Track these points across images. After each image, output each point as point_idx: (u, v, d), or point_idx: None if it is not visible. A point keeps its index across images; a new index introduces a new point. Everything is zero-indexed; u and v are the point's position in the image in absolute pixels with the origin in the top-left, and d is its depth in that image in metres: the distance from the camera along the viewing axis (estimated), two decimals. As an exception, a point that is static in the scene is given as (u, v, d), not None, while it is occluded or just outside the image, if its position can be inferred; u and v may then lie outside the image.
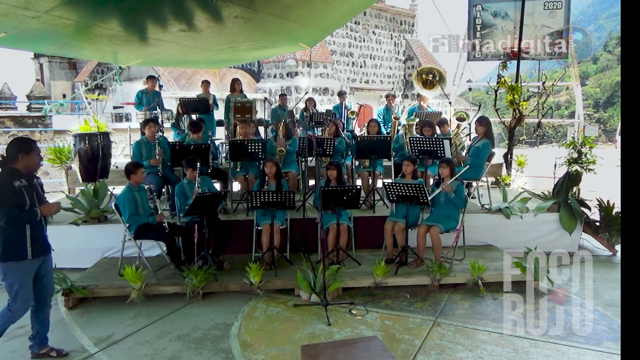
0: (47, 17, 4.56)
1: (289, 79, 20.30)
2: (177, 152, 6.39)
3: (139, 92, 8.63)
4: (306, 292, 4.78)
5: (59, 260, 5.48)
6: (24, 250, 3.45)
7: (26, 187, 3.45)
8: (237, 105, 8.09)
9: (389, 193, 5.32)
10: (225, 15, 5.23)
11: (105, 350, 3.92)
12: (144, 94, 8.54)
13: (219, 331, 4.22)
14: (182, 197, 5.44)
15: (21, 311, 3.56)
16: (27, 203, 3.44)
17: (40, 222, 3.56)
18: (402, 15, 26.22)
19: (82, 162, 6.48)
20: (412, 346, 3.92)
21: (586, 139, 6.93)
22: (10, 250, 3.42)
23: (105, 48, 6.53)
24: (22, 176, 3.47)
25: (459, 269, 5.26)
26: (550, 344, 3.94)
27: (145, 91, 8.55)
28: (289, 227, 5.65)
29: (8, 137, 12.35)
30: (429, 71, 8.72)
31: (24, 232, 3.45)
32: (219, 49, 7.11)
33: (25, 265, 3.48)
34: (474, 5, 12.34)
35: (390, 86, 24.38)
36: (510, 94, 8.21)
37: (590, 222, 6.45)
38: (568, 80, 16.04)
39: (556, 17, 11.70)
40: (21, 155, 3.46)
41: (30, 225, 3.48)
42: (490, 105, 12.00)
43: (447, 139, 6.34)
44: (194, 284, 4.77)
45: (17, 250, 3.43)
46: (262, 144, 6.44)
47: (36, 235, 3.53)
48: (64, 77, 25.79)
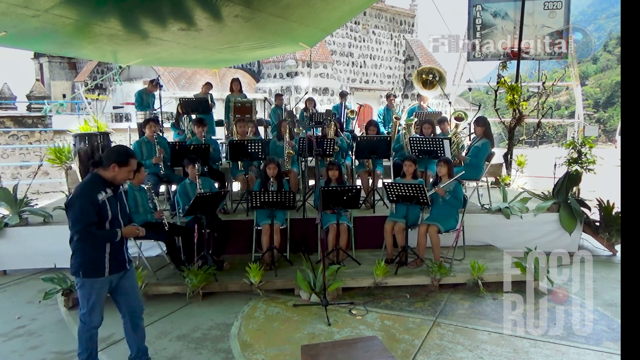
0: (47, 16, 4.57)
1: (289, 79, 20.30)
2: (177, 152, 6.40)
3: (139, 92, 8.64)
4: (306, 292, 4.78)
5: (59, 260, 5.50)
6: (103, 268, 3.24)
7: (111, 198, 3.24)
8: (237, 105, 8.09)
9: (388, 193, 5.32)
10: (225, 15, 5.23)
11: (105, 350, 3.91)
12: (143, 94, 8.56)
13: (219, 331, 4.22)
14: (185, 197, 5.44)
15: (96, 322, 3.39)
16: (109, 216, 3.22)
17: (121, 239, 3.34)
18: (402, 15, 26.22)
19: (82, 162, 6.48)
20: (412, 346, 3.92)
21: (586, 139, 6.93)
22: (89, 267, 3.22)
23: (105, 47, 6.54)
24: (108, 186, 3.24)
25: (459, 269, 5.26)
26: (550, 344, 3.94)
27: (145, 91, 8.58)
28: (289, 227, 5.64)
29: (8, 137, 12.36)
30: (429, 71, 8.72)
31: (104, 249, 3.24)
32: (218, 48, 7.12)
33: (103, 281, 3.28)
34: (474, 5, 12.34)
35: (390, 86, 24.37)
36: (510, 94, 8.21)
37: (590, 222, 6.45)
38: (568, 80, 16.03)
39: (556, 17, 11.70)
40: (114, 165, 3.22)
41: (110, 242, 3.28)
42: (490, 105, 11.99)
43: (447, 139, 6.34)
44: (194, 284, 4.77)
45: (96, 267, 3.23)
46: (262, 144, 6.44)
47: (116, 252, 3.31)
48: (64, 77, 25.79)
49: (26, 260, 5.85)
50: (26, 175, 11.75)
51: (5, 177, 11.18)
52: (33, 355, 3.89)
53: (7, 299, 5.11)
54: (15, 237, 5.85)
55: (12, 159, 12.22)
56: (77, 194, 3.19)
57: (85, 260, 3.22)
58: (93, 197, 3.13)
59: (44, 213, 6.16)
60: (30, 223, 6.03)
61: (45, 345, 4.04)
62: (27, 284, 5.55)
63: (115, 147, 3.50)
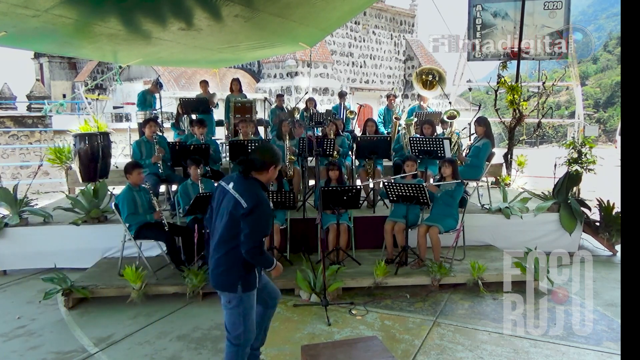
0: (47, 16, 4.57)
1: (289, 79, 20.30)
2: (177, 151, 6.40)
3: (143, 92, 8.63)
4: (306, 292, 4.78)
5: (59, 260, 5.53)
6: (256, 278, 3.04)
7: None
8: (237, 105, 8.09)
9: (389, 193, 5.32)
10: (225, 14, 5.23)
11: (105, 350, 3.91)
12: (147, 94, 8.56)
13: (219, 331, 4.21)
14: (186, 198, 5.44)
15: (250, 340, 3.11)
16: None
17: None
18: (402, 15, 26.21)
19: (82, 162, 6.49)
20: (412, 346, 3.92)
21: (586, 139, 6.93)
22: (249, 279, 2.99)
23: (105, 47, 6.54)
24: (265, 190, 3.04)
25: (459, 269, 5.26)
26: (550, 344, 3.94)
27: (148, 92, 8.59)
28: (289, 227, 5.64)
29: (8, 137, 12.36)
30: (429, 72, 8.72)
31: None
32: (218, 48, 7.11)
33: (255, 292, 3.09)
34: (474, 5, 12.35)
35: (390, 86, 24.36)
36: (510, 94, 8.21)
37: (590, 222, 6.45)
38: (568, 80, 16.02)
39: (556, 17, 11.70)
40: (273, 167, 3.02)
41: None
42: (490, 105, 12.00)
43: (447, 139, 6.34)
44: (194, 284, 4.76)
45: (254, 279, 3.03)
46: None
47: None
48: (64, 77, 25.78)
49: (26, 260, 5.85)
50: (26, 175, 11.75)
51: (5, 177, 11.18)
52: (33, 355, 3.88)
53: (7, 299, 5.11)
54: (15, 237, 5.85)
55: (12, 159, 12.22)
56: (261, 201, 2.90)
57: (248, 273, 2.96)
58: (269, 204, 2.97)
59: (44, 213, 6.16)
60: (30, 223, 6.03)
61: (45, 345, 4.03)
62: (27, 284, 5.55)
63: (267, 147, 3.11)
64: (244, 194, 2.90)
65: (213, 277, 3.03)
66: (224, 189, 3.00)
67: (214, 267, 3.01)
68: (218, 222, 3.01)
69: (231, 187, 2.95)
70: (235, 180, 3.00)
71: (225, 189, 2.99)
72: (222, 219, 2.97)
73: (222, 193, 3.03)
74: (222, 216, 2.97)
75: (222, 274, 2.97)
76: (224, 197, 2.99)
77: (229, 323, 3.05)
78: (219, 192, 3.07)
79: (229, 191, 2.95)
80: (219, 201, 3.03)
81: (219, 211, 3.02)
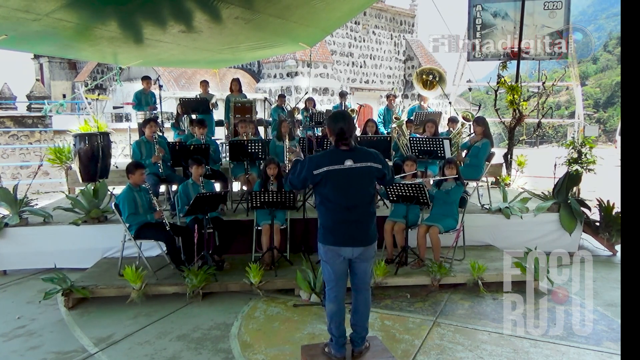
0: (48, 20, 4.57)
1: (289, 79, 20.30)
2: (177, 151, 6.39)
3: (137, 93, 8.66)
4: (306, 292, 4.78)
5: (59, 260, 5.53)
6: None
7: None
8: (237, 105, 8.10)
9: (388, 193, 5.32)
10: (225, 17, 5.23)
11: (105, 350, 3.91)
12: (142, 94, 8.57)
13: (219, 331, 4.22)
14: (186, 198, 5.43)
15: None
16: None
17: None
18: (402, 15, 26.22)
19: (82, 162, 6.48)
20: (412, 346, 3.92)
21: (586, 139, 6.93)
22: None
23: (106, 49, 6.55)
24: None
25: (459, 269, 5.26)
26: (550, 344, 3.94)
27: (143, 91, 8.59)
28: (289, 227, 5.64)
29: (8, 137, 12.37)
30: (429, 72, 8.74)
31: None
32: (219, 49, 7.12)
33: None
34: (474, 5, 12.36)
35: (390, 86, 24.35)
36: (510, 94, 8.21)
37: (590, 222, 6.44)
38: (568, 80, 16.04)
39: (556, 17, 11.72)
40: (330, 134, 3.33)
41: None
42: (490, 105, 12.00)
43: (447, 139, 6.34)
44: (194, 284, 4.77)
45: None
46: (262, 144, 6.44)
47: None
48: (64, 77, 25.79)
49: (26, 260, 5.85)
50: (26, 175, 11.76)
51: (5, 177, 11.19)
52: (33, 355, 3.88)
53: (7, 299, 5.11)
54: (15, 237, 5.85)
55: (12, 159, 12.23)
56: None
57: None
58: None
59: (44, 213, 6.16)
60: (30, 223, 6.03)
61: (45, 345, 4.03)
62: (27, 284, 5.55)
63: (338, 113, 3.39)
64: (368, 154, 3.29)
65: (370, 233, 3.32)
66: (343, 169, 3.20)
67: (368, 224, 3.31)
68: (353, 192, 3.24)
69: (352, 164, 3.21)
70: (351, 156, 3.22)
71: (344, 168, 3.20)
72: (358, 188, 3.25)
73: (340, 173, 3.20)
74: (356, 186, 3.24)
75: (374, 229, 3.35)
76: (348, 173, 3.21)
77: (370, 271, 3.53)
78: (335, 173, 3.20)
79: (356, 166, 3.21)
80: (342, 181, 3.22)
81: (348, 185, 3.23)
